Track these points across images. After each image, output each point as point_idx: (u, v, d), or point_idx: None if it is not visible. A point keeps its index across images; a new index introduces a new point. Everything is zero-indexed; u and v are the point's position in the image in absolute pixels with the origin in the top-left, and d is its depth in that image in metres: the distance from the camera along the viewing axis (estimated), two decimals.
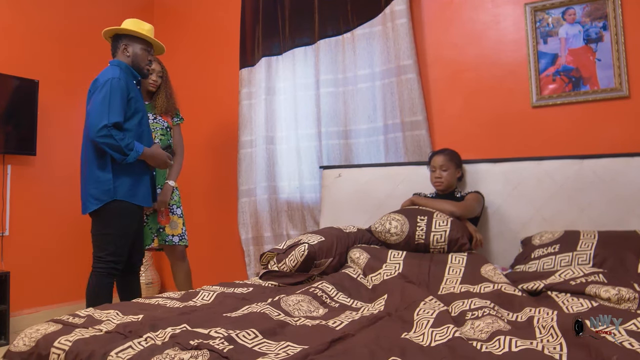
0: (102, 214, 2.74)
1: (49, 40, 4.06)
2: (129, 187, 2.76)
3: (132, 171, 2.77)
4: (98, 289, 2.74)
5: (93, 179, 2.75)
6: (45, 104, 3.90)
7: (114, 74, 2.73)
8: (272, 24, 4.02)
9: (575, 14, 3.04)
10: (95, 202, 2.73)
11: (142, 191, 2.83)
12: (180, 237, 3.31)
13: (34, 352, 1.55)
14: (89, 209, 2.77)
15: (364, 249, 2.59)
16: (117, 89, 2.68)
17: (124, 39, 2.89)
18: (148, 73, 3.04)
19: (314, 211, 3.78)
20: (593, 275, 2.05)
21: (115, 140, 2.62)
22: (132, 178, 2.77)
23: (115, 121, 2.64)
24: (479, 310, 1.77)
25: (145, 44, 2.93)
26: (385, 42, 3.53)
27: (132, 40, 2.89)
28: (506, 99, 3.22)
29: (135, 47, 2.89)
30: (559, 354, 1.33)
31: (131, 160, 2.69)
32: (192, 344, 1.40)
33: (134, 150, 2.68)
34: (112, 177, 2.72)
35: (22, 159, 3.82)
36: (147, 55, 2.94)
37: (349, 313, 1.90)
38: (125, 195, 2.74)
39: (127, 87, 2.75)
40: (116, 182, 2.72)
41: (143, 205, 2.86)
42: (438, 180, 2.89)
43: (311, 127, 3.83)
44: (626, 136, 2.87)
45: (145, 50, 2.93)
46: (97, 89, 2.72)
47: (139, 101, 2.84)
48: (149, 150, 2.81)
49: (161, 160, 2.90)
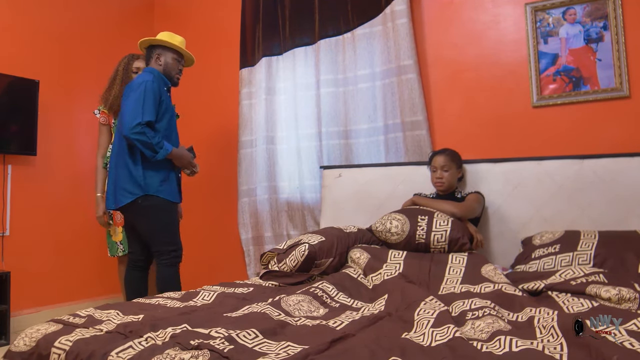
0: (142, 210, 2.89)
1: (49, 40, 4.06)
2: (159, 183, 2.90)
3: (160, 169, 2.92)
4: (172, 279, 2.92)
5: (126, 174, 2.89)
6: (46, 104, 3.91)
7: (148, 78, 2.90)
8: (273, 24, 4.02)
9: (575, 14, 3.04)
10: (127, 195, 2.87)
11: (171, 188, 2.97)
12: None
13: (34, 352, 1.55)
14: (121, 202, 2.90)
15: (365, 249, 2.59)
16: (151, 90, 2.84)
17: (158, 48, 3.08)
18: (178, 82, 3.16)
19: (314, 211, 3.78)
20: (593, 275, 2.05)
21: (148, 137, 2.77)
22: (160, 175, 2.91)
23: (148, 120, 2.80)
24: (479, 310, 1.77)
25: (177, 54, 3.11)
26: (385, 42, 3.53)
27: (164, 50, 3.08)
28: (506, 99, 3.22)
29: (167, 57, 3.08)
30: (559, 354, 1.33)
31: (160, 157, 2.84)
32: (193, 344, 1.40)
33: (163, 148, 2.84)
34: (143, 172, 2.87)
35: (23, 159, 3.82)
36: (177, 65, 3.11)
37: (350, 313, 1.90)
38: (156, 190, 2.88)
39: (160, 89, 2.92)
40: (146, 177, 2.87)
41: (172, 200, 2.97)
42: (439, 180, 2.89)
43: (311, 127, 3.83)
44: (626, 136, 2.87)
45: (177, 60, 3.11)
46: (131, 90, 2.87)
47: (169, 105, 3.00)
48: (177, 151, 2.95)
49: (186, 161, 3.03)
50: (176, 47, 3.08)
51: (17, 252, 3.74)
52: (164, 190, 2.91)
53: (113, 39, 4.54)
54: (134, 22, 4.78)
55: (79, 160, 4.25)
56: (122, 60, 3.39)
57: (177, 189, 3.07)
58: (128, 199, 2.87)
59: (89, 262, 4.23)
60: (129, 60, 3.39)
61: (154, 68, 3.05)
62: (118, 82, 3.33)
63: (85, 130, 4.30)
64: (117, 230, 3.28)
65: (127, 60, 3.39)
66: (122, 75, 3.33)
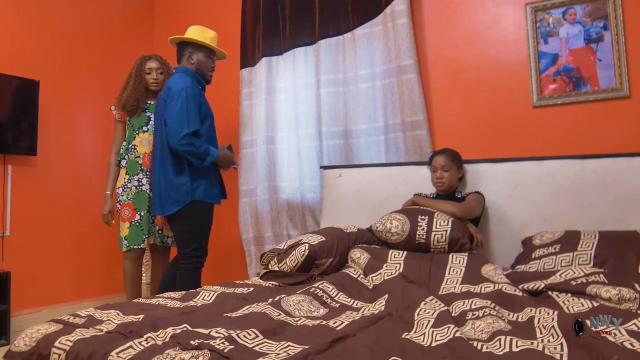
0: (181, 214, 2.96)
1: (49, 40, 4.06)
2: (205, 188, 2.99)
3: (207, 174, 3.01)
4: (190, 280, 2.96)
5: (171, 184, 2.96)
6: (46, 104, 3.91)
7: (186, 82, 2.93)
8: (273, 24, 4.02)
9: (575, 14, 3.04)
10: (175, 204, 2.95)
11: (215, 191, 3.08)
12: (173, 239, 3.37)
13: (34, 352, 1.55)
14: (168, 211, 2.98)
15: (365, 249, 2.59)
16: (192, 97, 2.90)
17: (189, 46, 3.09)
18: (211, 79, 3.22)
19: (314, 211, 3.78)
20: (594, 275, 2.05)
21: (196, 147, 2.86)
22: (207, 180, 3.01)
23: (194, 129, 2.87)
24: (479, 310, 1.77)
25: (209, 51, 3.13)
26: (385, 42, 3.53)
27: (196, 48, 3.10)
28: (507, 99, 3.22)
29: (199, 55, 3.10)
30: (559, 354, 1.33)
31: (207, 164, 2.94)
32: (193, 344, 1.40)
33: (210, 155, 2.92)
34: (190, 180, 2.94)
35: (23, 159, 3.82)
36: (210, 63, 3.14)
37: (350, 313, 1.90)
38: (202, 195, 2.97)
39: (200, 93, 2.99)
40: (193, 184, 2.95)
41: (215, 203, 3.09)
42: (439, 180, 2.89)
43: (312, 127, 3.83)
44: (627, 136, 2.87)
45: (209, 58, 3.13)
46: (172, 98, 2.91)
47: (208, 107, 3.06)
48: (221, 153, 3.03)
49: (229, 160, 3.10)
50: (208, 45, 3.09)
51: (17, 252, 3.74)
52: (209, 194, 3.01)
53: (113, 39, 4.54)
54: (134, 22, 4.78)
55: (80, 161, 4.25)
56: (135, 63, 3.43)
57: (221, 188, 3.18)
58: (176, 207, 2.94)
59: (89, 262, 4.23)
60: (141, 62, 3.41)
61: (187, 67, 3.07)
62: (131, 84, 3.36)
63: (86, 131, 4.30)
64: (124, 225, 3.30)
65: (139, 62, 3.41)
66: (135, 77, 3.37)
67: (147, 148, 3.35)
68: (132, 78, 3.38)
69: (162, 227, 3.36)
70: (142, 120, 3.39)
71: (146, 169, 3.33)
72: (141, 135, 3.37)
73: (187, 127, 2.84)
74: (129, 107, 3.34)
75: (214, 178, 3.07)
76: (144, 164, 3.34)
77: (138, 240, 3.28)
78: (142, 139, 3.36)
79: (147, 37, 4.90)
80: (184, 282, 2.94)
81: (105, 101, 4.42)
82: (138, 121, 3.39)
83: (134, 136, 3.37)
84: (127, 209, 3.29)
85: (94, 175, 4.32)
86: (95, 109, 4.36)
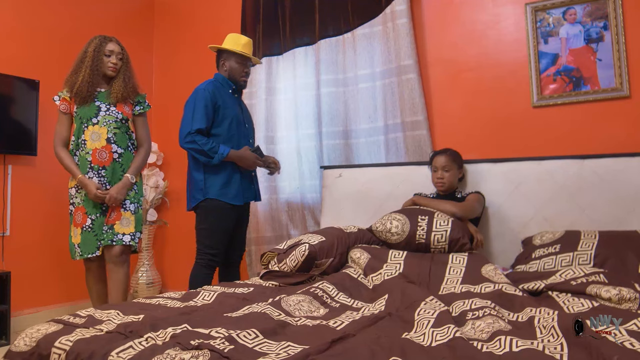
0: (198, 210, 3.07)
1: (49, 40, 4.06)
2: (220, 186, 3.01)
3: (223, 172, 3.02)
4: (198, 278, 2.97)
5: (190, 180, 3.10)
6: (46, 104, 3.90)
7: (202, 86, 3.06)
8: (273, 24, 4.02)
9: (575, 14, 3.04)
10: (193, 200, 3.07)
11: (233, 191, 3.05)
12: (132, 236, 3.02)
13: (34, 352, 1.55)
14: (188, 207, 3.14)
15: (365, 249, 2.59)
16: (202, 98, 2.98)
17: (224, 54, 3.18)
18: (245, 84, 3.25)
19: (314, 211, 3.78)
20: (594, 275, 2.05)
21: (199, 145, 2.92)
22: (222, 178, 3.02)
23: (197, 128, 2.94)
24: (479, 310, 1.77)
25: (241, 57, 3.17)
26: (385, 42, 3.53)
27: (229, 55, 3.16)
28: (507, 99, 3.22)
29: (231, 62, 3.16)
30: (559, 354, 1.33)
31: (216, 162, 2.95)
32: (193, 344, 1.40)
33: (218, 153, 2.94)
34: (204, 178, 3.01)
35: (23, 159, 3.82)
36: (242, 68, 3.17)
37: (350, 313, 1.90)
38: (216, 194, 3.00)
39: (215, 96, 3.03)
40: (207, 182, 3.01)
41: (234, 203, 3.05)
42: (440, 181, 2.89)
43: (312, 127, 3.84)
44: (627, 136, 2.87)
45: (241, 64, 3.17)
46: (187, 102, 3.06)
47: (229, 108, 3.08)
48: (236, 153, 3.02)
49: (250, 161, 3.08)
50: (238, 52, 3.13)
51: (17, 252, 3.74)
52: (225, 193, 3.02)
53: None
54: (135, 23, 4.78)
55: None
56: (92, 41, 3.05)
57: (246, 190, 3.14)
58: (193, 203, 3.07)
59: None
60: (100, 42, 3.03)
61: (219, 73, 3.20)
62: (87, 65, 2.99)
63: None
64: (76, 232, 2.99)
65: (98, 42, 3.03)
66: (91, 58, 2.99)
67: (97, 143, 2.97)
68: (88, 59, 3.00)
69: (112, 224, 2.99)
70: (91, 111, 2.99)
71: (97, 166, 2.97)
72: (91, 128, 2.98)
73: (191, 125, 2.94)
74: (83, 94, 2.96)
75: (232, 178, 3.05)
76: (94, 160, 2.97)
77: (91, 248, 2.97)
78: (92, 132, 2.98)
79: (147, 37, 4.90)
80: (192, 276, 3.01)
81: None
82: (87, 112, 2.99)
83: (82, 129, 2.99)
84: (80, 212, 2.99)
85: None
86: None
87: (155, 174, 4.58)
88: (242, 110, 3.25)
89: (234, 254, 3.24)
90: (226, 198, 3.02)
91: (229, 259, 3.20)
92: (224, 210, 3.02)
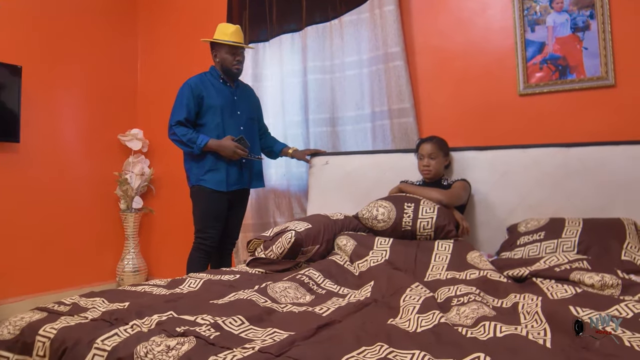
0: (191, 197, 3.24)
1: (33, 26, 3.99)
2: (203, 173, 3.14)
3: (206, 160, 3.13)
4: (191, 262, 3.16)
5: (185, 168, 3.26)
6: (29, 90, 3.85)
7: (189, 79, 3.18)
8: (259, 10, 3.98)
9: (562, 3, 3.04)
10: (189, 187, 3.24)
11: (217, 177, 3.14)
12: None
13: (18, 340, 1.54)
14: None
15: (351, 236, 2.60)
16: (184, 92, 3.13)
17: (215, 46, 3.24)
18: (239, 71, 3.29)
19: (301, 198, 3.78)
20: (577, 262, 2.08)
21: (178, 136, 3.07)
22: (206, 166, 3.13)
23: (177, 120, 3.09)
24: (464, 297, 1.78)
25: (230, 46, 3.20)
26: (373, 29, 3.51)
27: (218, 46, 3.23)
28: (493, 87, 3.23)
29: (221, 52, 3.22)
30: (543, 339, 1.34)
31: (197, 151, 3.07)
32: (179, 330, 1.39)
33: (196, 143, 3.05)
34: (190, 166, 3.20)
35: (6, 146, 3.76)
36: (233, 56, 3.21)
37: (336, 300, 1.91)
38: (199, 180, 3.15)
39: (199, 87, 3.14)
40: (192, 170, 3.19)
41: (217, 189, 3.15)
42: (426, 168, 2.90)
43: (298, 114, 3.82)
44: (611, 125, 2.89)
45: (230, 53, 3.21)
46: None
47: (213, 98, 3.17)
48: (215, 142, 3.09)
49: (230, 151, 3.09)
50: (226, 42, 3.16)
51: (1, 241, 3.70)
52: (208, 179, 3.14)
53: (97, 26, 4.47)
54: (119, 10, 4.71)
55: (63, 147, 4.20)
56: None
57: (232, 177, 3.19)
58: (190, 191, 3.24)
59: (74, 249, 4.20)
60: None
61: (212, 66, 3.30)
62: None
63: (69, 117, 4.25)
64: None
65: None
66: None
67: None
68: None
69: None
70: None
71: None
72: None
73: (172, 118, 3.11)
74: None
75: (217, 165, 3.14)
76: None
77: None
78: None
79: (131, 24, 4.83)
80: (187, 260, 3.18)
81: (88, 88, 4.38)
82: None
83: None
84: None
85: (77, 162, 4.27)
86: (79, 95, 4.30)
87: (141, 161, 4.54)
88: (236, 99, 3.27)
89: (226, 241, 3.36)
90: (208, 184, 3.14)
91: (220, 246, 3.31)
92: (209, 195, 3.14)
